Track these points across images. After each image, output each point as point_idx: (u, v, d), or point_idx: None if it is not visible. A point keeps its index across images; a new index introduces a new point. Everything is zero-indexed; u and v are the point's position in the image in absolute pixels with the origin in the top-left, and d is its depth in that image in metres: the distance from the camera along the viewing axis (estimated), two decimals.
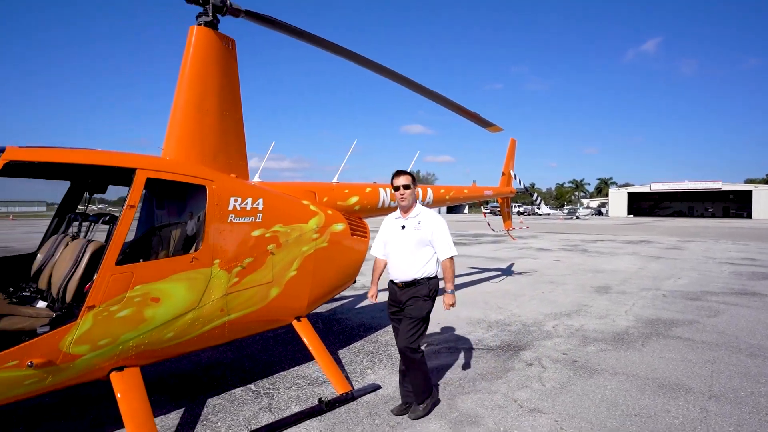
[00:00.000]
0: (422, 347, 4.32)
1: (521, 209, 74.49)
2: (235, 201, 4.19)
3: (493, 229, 11.62)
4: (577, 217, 64.99)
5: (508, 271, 13.40)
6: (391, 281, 4.36)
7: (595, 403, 4.48)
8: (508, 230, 11.45)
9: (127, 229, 3.49)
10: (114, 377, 3.51)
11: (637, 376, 5.19)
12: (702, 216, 78.23)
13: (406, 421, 4.11)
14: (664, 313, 8.24)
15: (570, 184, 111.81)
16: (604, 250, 20.11)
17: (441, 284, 4.24)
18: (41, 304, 3.84)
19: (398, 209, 4.46)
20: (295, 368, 5.41)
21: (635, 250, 19.81)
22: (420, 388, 4.21)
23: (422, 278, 4.23)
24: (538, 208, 70.37)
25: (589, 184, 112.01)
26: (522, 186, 11.03)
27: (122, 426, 3.44)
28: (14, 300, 3.90)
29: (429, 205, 7.93)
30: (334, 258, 5.33)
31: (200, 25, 4.43)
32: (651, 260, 16.29)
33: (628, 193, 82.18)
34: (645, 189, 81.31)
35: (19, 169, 3.61)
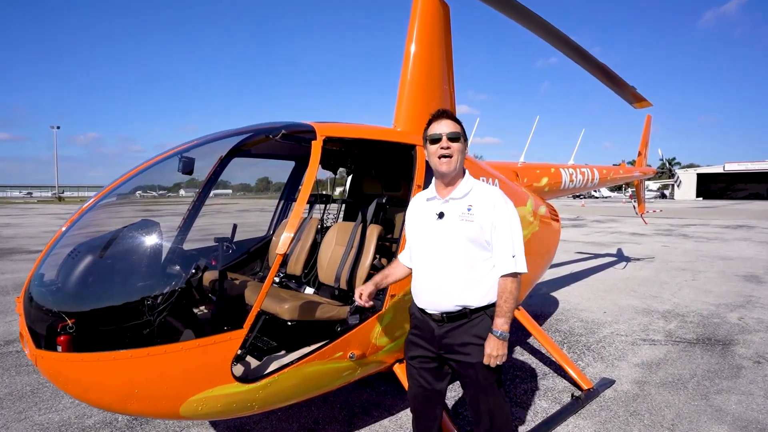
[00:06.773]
0: None
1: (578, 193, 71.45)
2: (485, 182, 3.89)
3: (636, 213, 10.92)
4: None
5: (623, 257, 12.68)
6: (420, 310, 2.56)
7: None
8: (642, 214, 10.74)
9: None
10: (397, 369, 3.32)
11: None
12: None
13: (682, 424, 3.73)
14: None
15: (629, 165, 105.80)
16: (706, 235, 18.75)
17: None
18: (309, 290, 3.70)
19: (433, 182, 2.56)
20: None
21: (744, 236, 18.35)
22: None
23: (478, 306, 2.41)
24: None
25: (650, 165, 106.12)
26: (668, 165, 10.23)
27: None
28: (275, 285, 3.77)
29: (595, 188, 7.39)
30: (542, 241, 4.98)
31: None
32: None
33: (698, 174, 76.53)
34: (717, 170, 75.01)
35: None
